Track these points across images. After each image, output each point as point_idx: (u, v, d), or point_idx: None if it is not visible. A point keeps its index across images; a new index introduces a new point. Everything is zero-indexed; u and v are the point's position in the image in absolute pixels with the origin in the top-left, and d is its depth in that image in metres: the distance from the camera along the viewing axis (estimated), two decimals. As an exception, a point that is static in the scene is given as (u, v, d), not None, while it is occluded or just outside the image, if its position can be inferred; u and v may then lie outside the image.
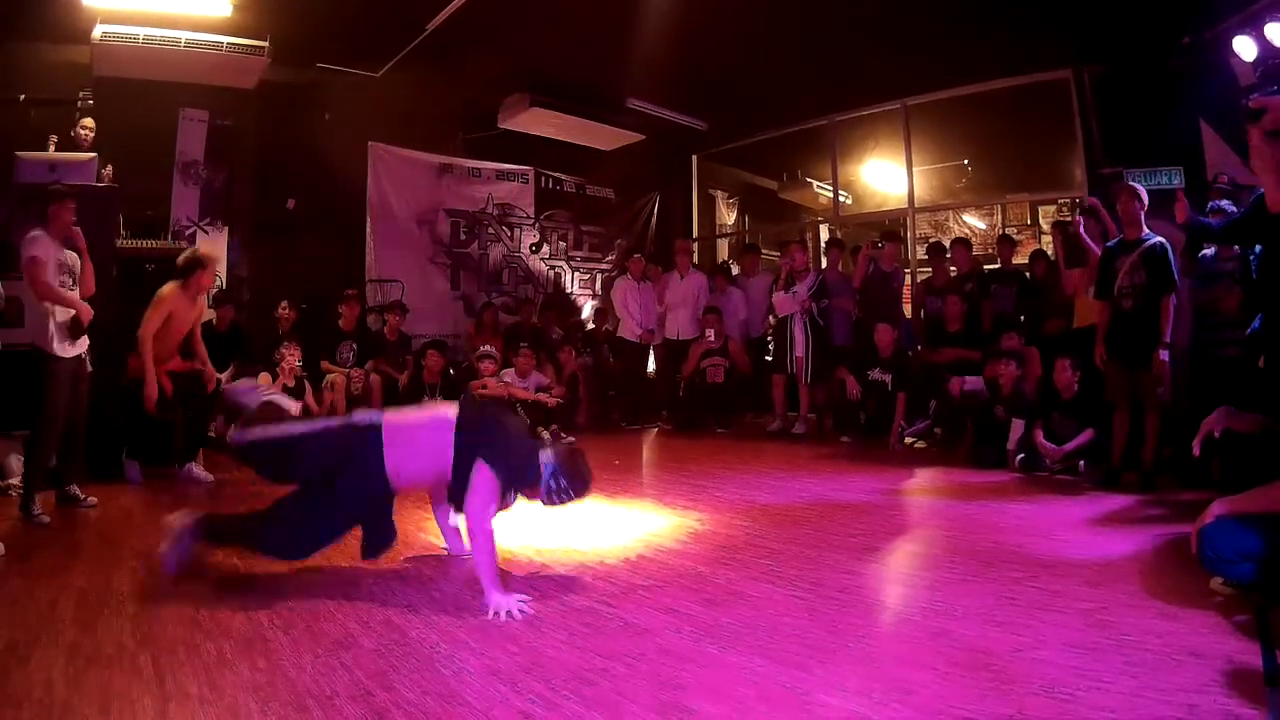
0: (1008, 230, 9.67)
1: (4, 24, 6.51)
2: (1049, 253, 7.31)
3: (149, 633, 2.54)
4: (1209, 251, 5.60)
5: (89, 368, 4.62)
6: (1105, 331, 5.14)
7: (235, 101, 7.76)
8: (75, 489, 4.56)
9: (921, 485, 5.44)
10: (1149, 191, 5.58)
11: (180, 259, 5.39)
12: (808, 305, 7.73)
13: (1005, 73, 8.14)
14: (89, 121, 6.55)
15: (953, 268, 8.00)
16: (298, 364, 6.53)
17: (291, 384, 6.47)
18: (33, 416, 4.35)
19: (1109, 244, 5.32)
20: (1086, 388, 5.39)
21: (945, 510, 4.61)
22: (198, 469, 5.59)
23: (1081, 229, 5.91)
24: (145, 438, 5.57)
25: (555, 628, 2.58)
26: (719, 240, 12.13)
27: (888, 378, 7.20)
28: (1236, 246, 4.93)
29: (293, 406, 6.38)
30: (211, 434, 6.78)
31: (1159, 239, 4.99)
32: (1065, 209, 8.95)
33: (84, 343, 4.53)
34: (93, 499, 4.58)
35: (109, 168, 6.34)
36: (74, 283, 4.53)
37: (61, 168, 5.86)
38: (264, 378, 6.45)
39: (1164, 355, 4.84)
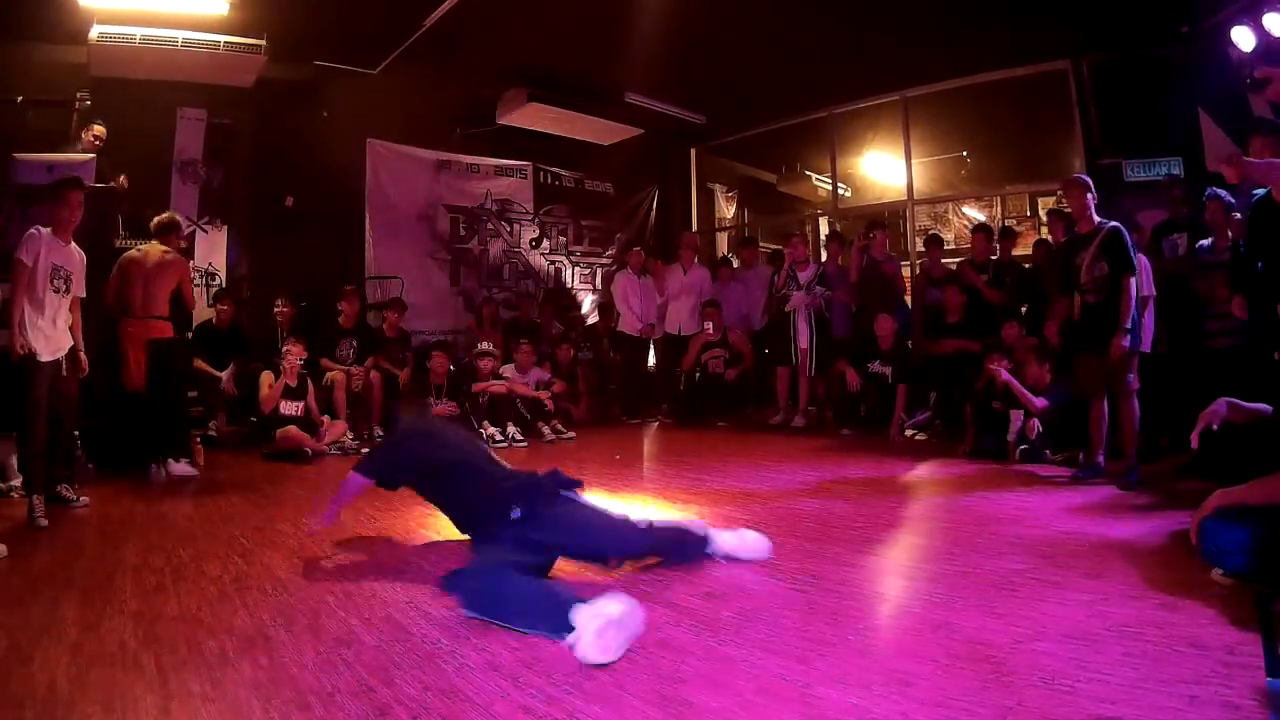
0: (1007, 221, 9.67)
1: (0, 25, 6.50)
2: (1050, 242, 7.31)
3: (151, 631, 2.55)
4: (1205, 243, 5.61)
5: (64, 371, 4.53)
6: (1072, 326, 5.08)
7: (233, 100, 7.75)
8: (66, 490, 4.53)
9: (921, 477, 5.43)
10: (1147, 182, 5.55)
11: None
12: (818, 301, 7.75)
13: (1004, 64, 8.12)
14: (100, 129, 6.53)
15: (960, 258, 7.99)
16: (300, 362, 6.52)
17: (294, 383, 6.46)
18: (15, 417, 4.35)
19: (1064, 240, 5.24)
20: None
21: (945, 502, 4.61)
22: (178, 466, 5.52)
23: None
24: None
25: (556, 623, 2.58)
26: (718, 234, 12.11)
27: (888, 370, 7.20)
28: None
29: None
30: (212, 432, 6.81)
31: (1112, 224, 4.89)
32: (1064, 200, 8.93)
33: (61, 347, 4.48)
34: (85, 499, 4.57)
35: (122, 177, 6.40)
36: (67, 289, 4.49)
37: (60, 168, 5.85)
38: (267, 376, 6.45)
39: (1125, 342, 4.71)
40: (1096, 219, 4.96)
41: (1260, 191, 4.34)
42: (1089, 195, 4.99)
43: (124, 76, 6.94)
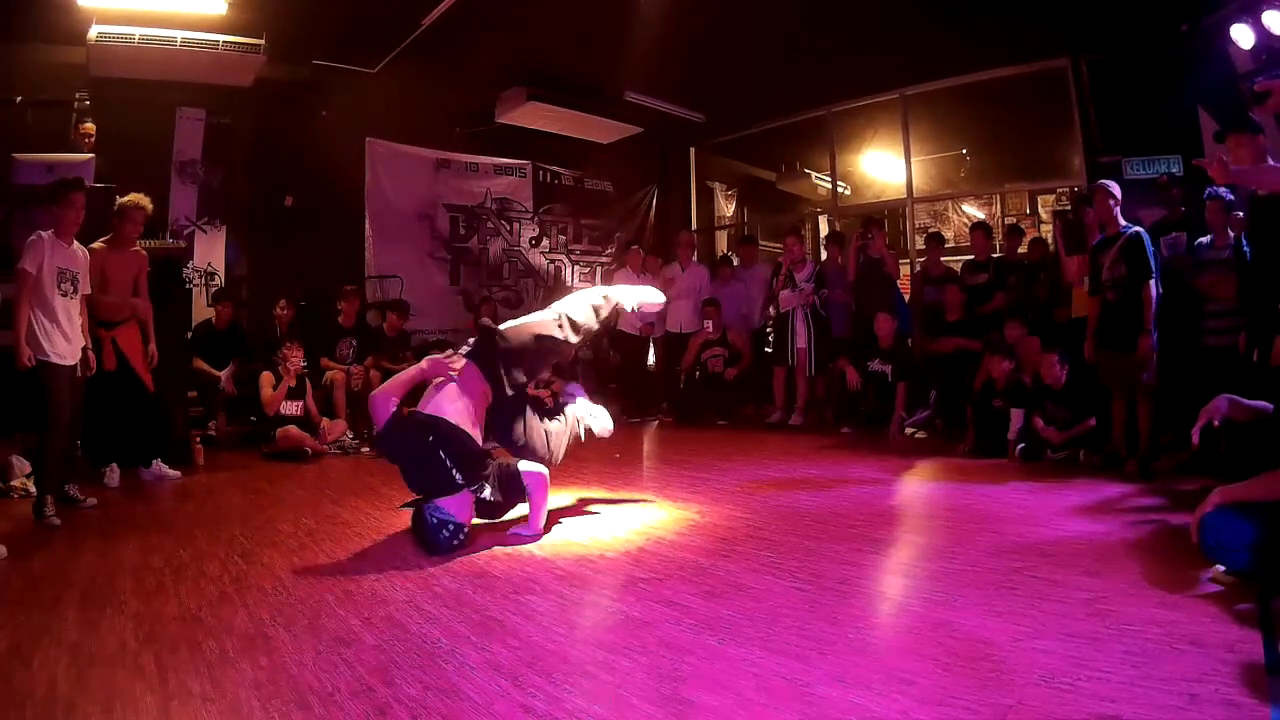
0: (1008, 220, 9.67)
1: (-1, 26, 6.51)
2: (1048, 241, 7.30)
3: (151, 631, 2.55)
4: (1205, 240, 5.61)
5: (80, 373, 4.53)
6: (1094, 324, 5.30)
7: (232, 100, 7.74)
8: (74, 490, 4.54)
9: (921, 476, 5.44)
10: (1146, 180, 5.56)
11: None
12: (811, 299, 7.73)
13: (1003, 62, 8.11)
14: (90, 126, 6.53)
15: (970, 255, 7.98)
16: (301, 364, 6.53)
17: (294, 384, 6.47)
18: (40, 422, 4.33)
19: (1095, 242, 5.42)
20: (1077, 377, 5.43)
21: (945, 500, 4.61)
22: (164, 467, 5.48)
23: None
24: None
25: (556, 621, 2.58)
26: (718, 232, 12.11)
27: (888, 368, 7.20)
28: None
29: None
30: (212, 432, 6.81)
31: (1135, 229, 5.13)
32: (1064, 198, 8.93)
33: (77, 351, 4.48)
34: (92, 500, 4.57)
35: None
36: (75, 290, 4.48)
37: (60, 169, 5.85)
38: (266, 377, 6.46)
39: (1148, 340, 4.96)
40: (1122, 222, 5.21)
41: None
42: (1111, 200, 5.23)
43: (123, 76, 6.93)
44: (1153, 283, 4.99)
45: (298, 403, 6.49)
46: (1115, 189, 5.27)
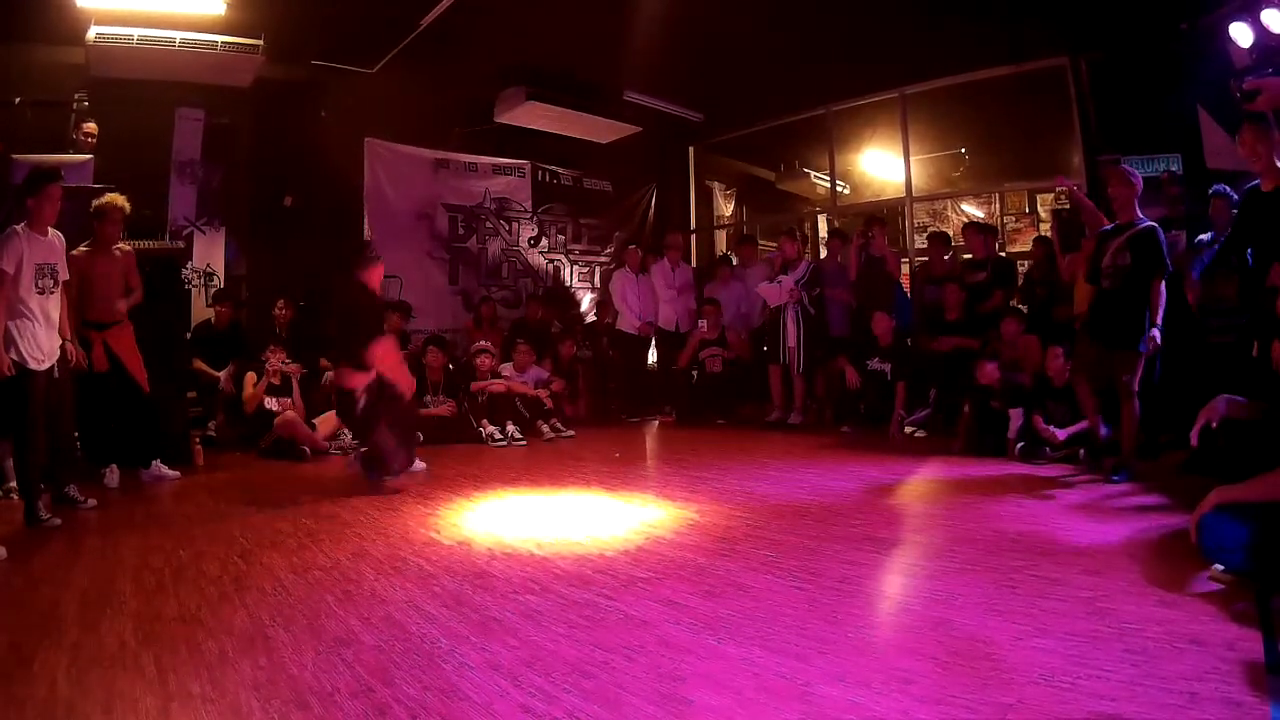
0: (1006, 218, 9.65)
1: (-2, 27, 6.50)
2: (1049, 240, 7.29)
3: (151, 632, 2.55)
4: (1205, 237, 5.60)
5: (57, 373, 4.38)
6: (1087, 314, 5.11)
7: (231, 100, 7.72)
8: (73, 490, 4.52)
9: (921, 475, 5.43)
10: (1146, 179, 5.54)
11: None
12: (797, 295, 7.71)
13: (1002, 61, 8.09)
14: (91, 126, 6.53)
15: (967, 254, 7.96)
16: (281, 364, 6.58)
17: (278, 382, 6.52)
18: (14, 428, 4.26)
19: (1104, 229, 5.27)
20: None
21: (945, 499, 4.61)
22: (163, 467, 5.48)
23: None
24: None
25: (555, 621, 2.58)
26: (717, 231, 12.10)
27: (887, 367, 7.20)
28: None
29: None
30: (211, 432, 6.82)
31: (1149, 223, 4.91)
32: (1063, 196, 8.92)
33: (56, 350, 4.37)
34: (92, 500, 4.55)
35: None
36: (55, 284, 4.34)
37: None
38: (249, 377, 6.51)
39: (1156, 335, 4.70)
40: (1138, 213, 4.96)
41: (1254, 182, 4.32)
42: (1127, 189, 4.97)
43: (122, 77, 6.91)
44: (1164, 282, 4.77)
45: (284, 399, 6.53)
46: (1138, 178, 5.03)
